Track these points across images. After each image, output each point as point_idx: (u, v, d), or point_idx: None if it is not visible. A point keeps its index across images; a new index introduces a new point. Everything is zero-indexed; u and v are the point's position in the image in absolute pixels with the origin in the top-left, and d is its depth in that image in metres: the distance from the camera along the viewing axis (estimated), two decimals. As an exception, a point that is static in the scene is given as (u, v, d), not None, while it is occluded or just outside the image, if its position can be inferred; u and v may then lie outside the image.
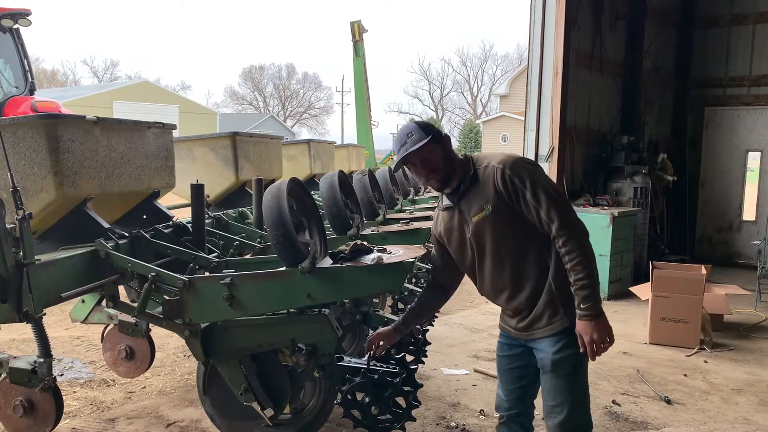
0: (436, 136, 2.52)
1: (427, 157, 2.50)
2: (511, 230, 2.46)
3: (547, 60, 7.59)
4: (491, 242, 2.50)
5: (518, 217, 2.44)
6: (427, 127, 2.55)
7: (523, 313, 2.54)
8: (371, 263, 2.68)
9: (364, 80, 22.08)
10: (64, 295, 2.87)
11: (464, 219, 2.55)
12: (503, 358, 2.72)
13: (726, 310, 6.21)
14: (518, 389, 2.69)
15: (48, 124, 3.10)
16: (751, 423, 4.16)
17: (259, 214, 4.33)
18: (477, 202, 2.49)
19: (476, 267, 2.60)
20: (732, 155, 10.03)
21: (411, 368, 3.17)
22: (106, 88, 42.43)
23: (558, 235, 2.37)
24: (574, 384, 2.51)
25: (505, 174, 2.42)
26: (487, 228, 2.48)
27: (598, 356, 2.40)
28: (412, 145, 2.48)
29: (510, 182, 2.41)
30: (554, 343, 2.48)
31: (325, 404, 3.32)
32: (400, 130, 2.60)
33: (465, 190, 2.53)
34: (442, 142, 2.54)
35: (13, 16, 7.35)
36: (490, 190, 2.45)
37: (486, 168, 2.49)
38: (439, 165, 2.52)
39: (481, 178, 2.50)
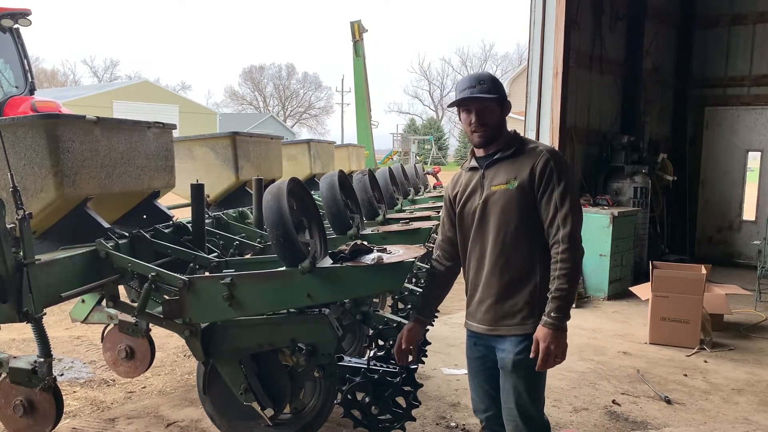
0: (502, 98, 2.53)
1: (485, 111, 2.50)
2: (522, 215, 2.45)
3: (547, 60, 7.58)
4: (498, 216, 2.48)
5: (533, 208, 2.44)
6: (499, 87, 2.53)
7: (495, 301, 2.51)
8: (371, 263, 2.68)
9: (364, 80, 22.10)
10: (64, 295, 2.87)
11: (483, 183, 2.54)
12: (474, 360, 2.70)
13: (726, 310, 6.21)
14: (492, 390, 2.66)
15: (48, 124, 3.10)
16: (751, 423, 4.16)
17: (259, 214, 4.33)
18: (506, 173, 2.49)
19: (471, 236, 2.58)
20: (732, 155, 10.03)
21: (411, 368, 3.17)
22: (106, 88, 42.46)
23: (561, 242, 2.37)
24: (532, 386, 2.51)
25: (549, 162, 2.42)
26: (502, 201, 2.47)
27: (546, 368, 2.39)
28: (479, 92, 2.47)
29: (548, 172, 2.41)
30: (518, 344, 2.47)
31: (325, 404, 3.32)
32: (474, 73, 2.59)
33: (499, 159, 2.52)
34: (504, 106, 2.55)
35: (13, 16, 7.35)
36: (525, 169, 2.45)
37: (533, 150, 2.50)
38: (491, 123, 2.51)
39: (522, 155, 2.49)
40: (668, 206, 9.89)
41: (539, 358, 2.37)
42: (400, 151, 39.66)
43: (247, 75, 70.39)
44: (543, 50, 7.60)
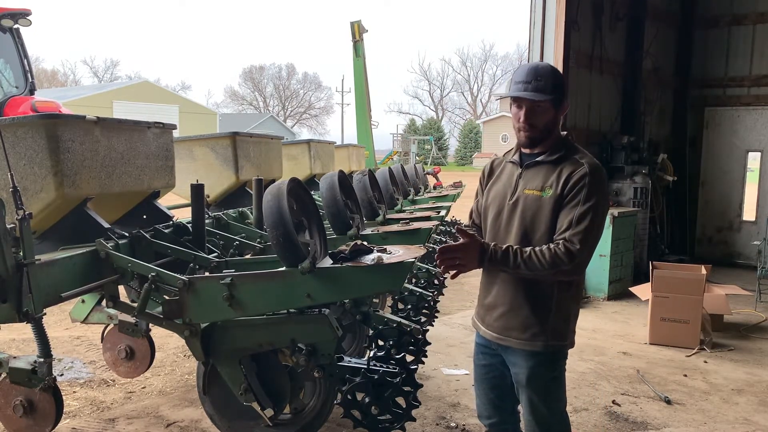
0: (558, 100, 2.34)
1: (536, 112, 2.34)
2: (550, 227, 2.33)
3: (547, 60, 7.58)
4: (525, 222, 2.37)
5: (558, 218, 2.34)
6: (558, 85, 2.33)
7: (508, 309, 2.42)
8: (371, 263, 2.68)
9: (364, 80, 22.10)
10: (64, 295, 2.87)
11: (518, 183, 2.41)
12: (480, 367, 2.63)
13: (726, 310, 6.21)
14: (496, 398, 2.61)
15: (48, 124, 3.10)
16: (751, 423, 4.16)
17: (259, 214, 4.33)
18: (542, 179, 2.36)
19: (494, 231, 2.47)
20: (732, 155, 10.03)
21: (411, 368, 3.17)
22: (106, 88, 42.47)
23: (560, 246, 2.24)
24: (551, 397, 2.46)
25: (584, 178, 2.29)
26: (531, 208, 2.35)
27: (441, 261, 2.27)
28: (534, 90, 2.30)
29: (579, 187, 2.28)
30: (529, 359, 2.40)
31: (325, 404, 3.32)
32: (533, 65, 2.38)
33: (541, 162, 2.39)
34: (560, 107, 2.37)
35: (13, 16, 7.35)
36: (561, 178, 2.32)
37: (577, 160, 2.35)
38: (540, 125, 2.35)
39: (563, 164, 2.35)
40: (668, 206, 9.89)
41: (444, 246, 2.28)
42: (400, 152, 39.69)
43: (247, 75, 70.45)
44: (543, 50, 7.60)
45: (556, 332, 2.39)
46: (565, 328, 2.42)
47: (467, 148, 54.16)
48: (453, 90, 70.48)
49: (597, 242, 2.34)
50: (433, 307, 4.67)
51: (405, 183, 6.29)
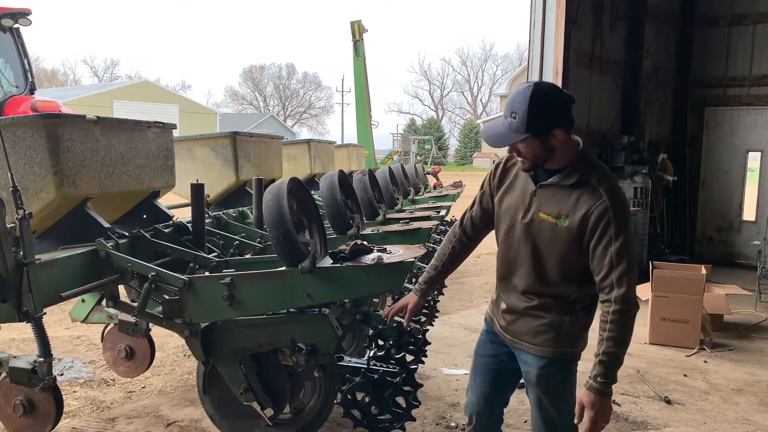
0: (539, 131, 2.16)
1: (519, 149, 2.24)
2: (566, 255, 2.27)
3: (547, 60, 7.58)
4: (540, 246, 2.30)
5: (579, 251, 2.24)
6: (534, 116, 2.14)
7: (521, 316, 2.40)
8: (371, 263, 2.68)
9: (364, 80, 22.11)
10: (64, 294, 2.87)
11: (531, 202, 2.31)
12: (482, 357, 2.59)
13: (726, 310, 6.21)
14: (492, 392, 2.59)
15: (48, 124, 3.10)
16: (751, 423, 4.16)
17: (259, 213, 4.33)
18: (557, 205, 2.24)
19: (509, 245, 2.41)
20: (732, 155, 10.03)
21: (411, 368, 3.17)
22: (106, 87, 42.48)
23: (614, 302, 2.19)
24: (560, 400, 2.44)
25: (607, 213, 2.16)
26: (545, 234, 2.28)
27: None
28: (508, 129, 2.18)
29: (605, 224, 2.16)
30: (541, 359, 2.38)
31: (325, 404, 3.32)
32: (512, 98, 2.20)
33: (555, 184, 2.25)
34: (545, 138, 2.18)
35: (13, 15, 7.35)
36: (579, 211, 2.20)
37: (595, 188, 2.20)
38: (530, 156, 2.24)
39: (578, 190, 2.22)
40: (668, 206, 9.89)
41: (588, 427, 2.25)
42: (400, 151, 39.70)
43: (247, 75, 70.46)
44: (543, 50, 7.60)
45: (568, 340, 2.38)
46: (578, 336, 2.41)
47: (467, 148, 54.17)
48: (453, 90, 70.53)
49: (637, 269, 2.29)
50: (433, 307, 4.67)
51: (405, 183, 6.29)
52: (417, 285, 2.72)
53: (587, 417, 2.24)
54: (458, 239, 2.64)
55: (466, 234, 2.64)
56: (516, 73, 52.14)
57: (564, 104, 2.22)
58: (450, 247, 2.66)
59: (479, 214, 2.59)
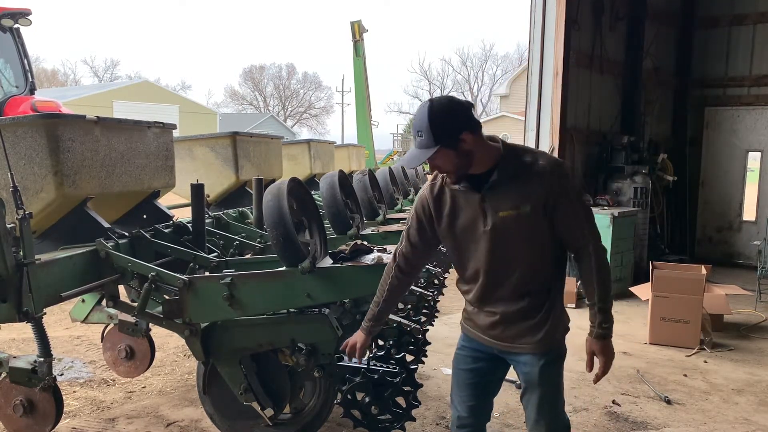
0: (447, 140, 2.19)
1: (437, 162, 2.26)
2: (537, 237, 2.31)
3: (548, 60, 7.59)
4: (511, 243, 2.32)
5: (548, 226, 2.31)
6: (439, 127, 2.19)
7: (513, 322, 2.41)
8: (371, 263, 2.68)
9: (364, 80, 22.11)
10: (64, 294, 2.87)
11: (485, 211, 2.30)
12: (465, 372, 2.58)
13: (726, 310, 6.21)
14: (479, 403, 2.58)
15: (48, 124, 3.10)
16: (751, 423, 4.16)
17: (259, 214, 4.33)
18: (512, 198, 2.27)
19: (477, 262, 2.39)
20: (732, 155, 10.03)
21: (411, 368, 3.17)
22: (106, 87, 42.44)
23: (594, 254, 2.33)
24: (555, 394, 2.50)
25: (562, 181, 2.26)
26: (514, 228, 2.29)
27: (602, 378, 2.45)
28: (419, 147, 2.23)
29: (563, 191, 2.26)
30: (541, 357, 2.40)
31: (325, 404, 3.32)
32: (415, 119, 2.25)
33: (498, 181, 2.28)
34: (455, 145, 2.20)
35: (13, 15, 7.35)
36: (535, 191, 2.25)
37: (533, 164, 2.27)
38: (450, 168, 2.27)
39: (524, 173, 2.27)
40: (668, 206, 9.89)
41: (600, 372, 2.42)
42: (401, 151, 39.63)
43: (247, 75, 70.41)
44: (543, 50, 7.61)
45: (560, 326, 2.45)
46: (565, 320, 2.49)
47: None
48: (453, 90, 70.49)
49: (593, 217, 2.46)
50: (433, 307, 4.66)
51: (405, 183, 6.29)
52: (363, 323, 2.66)
53: (600, 362, 2.41)
54: (394, 276, 2.58)
55: (401, 270, 2.57)
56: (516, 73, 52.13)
57: (463, 110, 2.25)
58: (388, 284, 2.59)
59: (410, 250, 2.53)
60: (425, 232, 2.48)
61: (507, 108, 48.25)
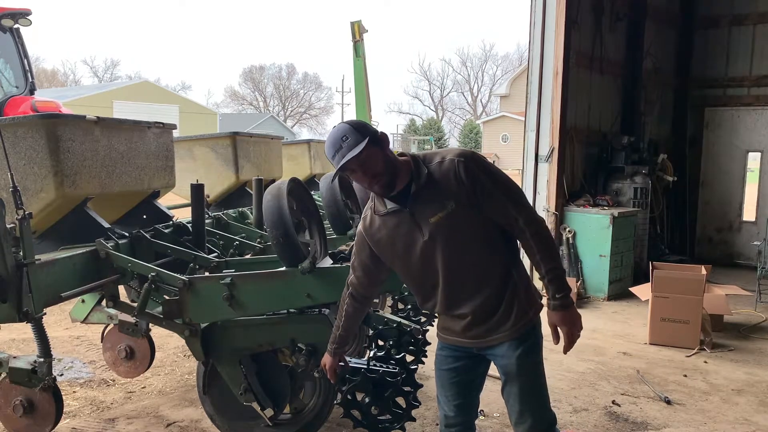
0: (373, 137, 2.26)
1: (367, 162, 2.25)
2: (474, 228, 2.32)
3: (548, 60, 7.59)
4: (453, 244, 2.32)
5: (480, 214, 2.31)
6: (362, 128, 2.28)
7: (483, 318, 2.39)
8: (371, 263, 2.67)
9: (364, 80, 22.11)
10: (64, 294, 2.87)
11: (418, 222, 2.32)
12: (447, 372, 2.56)
13: (726, 310, 6.21)
14: (466, 401, 2.57)
15: (48, 124, 3.10)
16: (751, 423, 4.16)
17: (259, 214, 4.33)
18: (435, 201, 2.29)
19: (430, 275, 2.40)
20: (732, 156, 10.03)
21: (411, 368, 3.17)
22: (106, 88, 42.46)
23: (527, 227, 2.30)
24: (537, 384, 2.46)
25: (469, 167, 2.27)
26: (449, 228, 2.30)
27: (572, 347, 2.36)
28: (348, 150, 2.22)
29: (474, 176, 2.26)
30: (517, 346, 2.38)
31: (324, 404, 3.32)
32: (331, 134, 2.31)
33: (418, 191, 2.30)
34: (380, 143, 2.29)
35: (13, 15, 7.35)
36: (451, 186, 2.27)
37: (442, 163, 2.30)
38: (381, 169, 2.28)
39: (437, 175, 2.30)
40: (668, 207, 9.88)
41: (566, 342, 2.34)
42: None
43: (247, 75, 70.43)
44: (543, 50, 7.60)
45: (530, 301, 2.44)
46: (531, 292, 2.47)
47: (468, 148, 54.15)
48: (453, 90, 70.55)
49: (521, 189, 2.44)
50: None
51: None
52: (329, 346, 2.69)
53: (563, 333, 2.33)
54: (349, 303, 2.62)
55: (355, 299, 2.61)
56: (516, 73, 52.14)
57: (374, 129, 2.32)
58: (344, 311, 2.63)
59: (362, 280, 2.56)
60: (369, 266, 2.51)
61: (507, 108, 48.26)
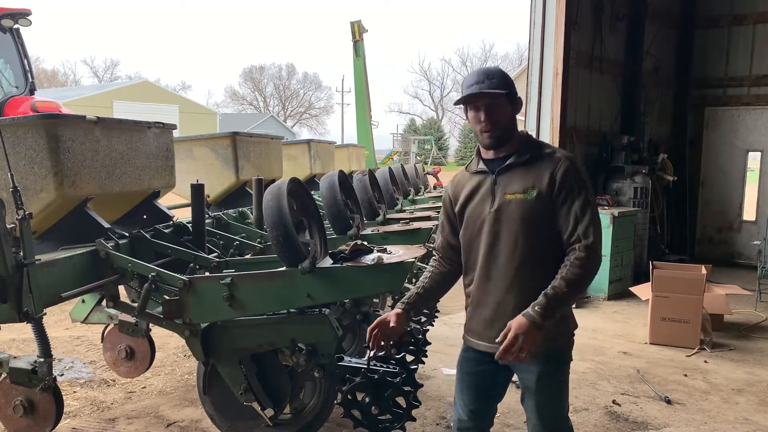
0: (514, 95, 2.34)
1: (495, 108, 2.30)
2: (542, 227, 2.29)
3: (547, 60, 7.58)
4: (515, 229, 2.29)
5: (552, 218, 2.28)
6: (510, 82, 2.34)
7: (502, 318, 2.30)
8: (371, 263, 2.68)
9: (364, 80, 22.14)
10: (64, 295, 2.87)
11: (495, 191, 2.34)
12: (468, 375, 2.53)
13: (726, 310, 6.21)
14: (482, 407, 2.53)
15: (48, 124, 3.10)
16: (751, 423, 4.16)
17: (259, 214, 4.33)
18: (522, 181, 2.30)
19: (476, 246, 2.39)
20: (732, 155, 10.03)
21: (411, 368, 3.17)
22: (106, 88, 42.45)
23: (579, 250, 2.22)
24: (556, 402, 2.43)
25: (568, 170, 2.27)
26: (516, 212, 2.29)
27: (503, 360, 2.17)
28: (489, 87, 2.28)
29: (569, 181, 2.26)
30: (540, 364, 2.34)
31: (325, 404, 3.32)
32: (483, 68, 2.39)
33: (513, 164, 2.33)
34: (515, 104, 2.35)
35: (13, 16, 7.35)
36: (543, 178, 2.28)
37: (548, 155, 2.33)
38: (503, 122, 2.32)
39: (539, 161, 2.32)
40: (668, 206, 9.88)
41: (502, 347, 2.14)
42: (401, 151, 39.65)
43: (247, 75, 70.43)
44: (543, 50, 7.60)
45: (562, 330, 2.37)
46: (566, 322, 2.41)
47: (467, 148, 54.07)
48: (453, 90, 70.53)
49: (601, 224, 2.35)
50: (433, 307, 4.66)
51: (405, 183, 6.30)
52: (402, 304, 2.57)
53: (508, 337, 2.14)
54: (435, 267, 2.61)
55: (440, 262, 2.59)
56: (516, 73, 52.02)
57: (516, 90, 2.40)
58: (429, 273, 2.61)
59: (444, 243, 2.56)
60: (447, 228, 2.54)
61: (507, 108, 48.03)
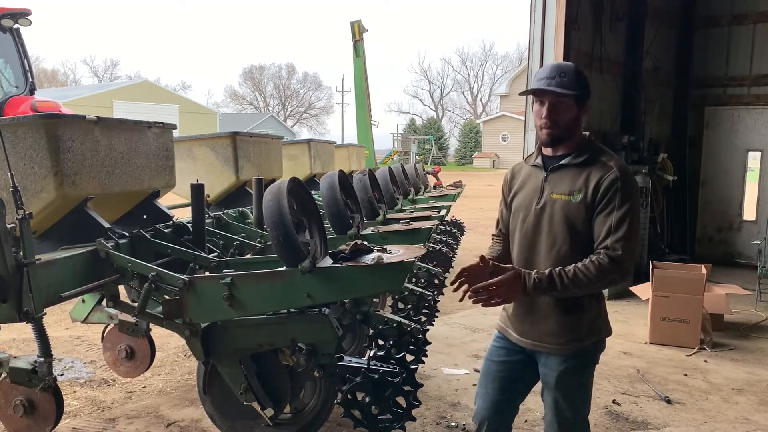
0: (584, 97, 2.32)
1: (561, 107, 2.29)
2: (581, 232, 2.29)
3: (547, 60, 7.57)
4: (555, 228, 2.31)
5: (591, 224, 2.27)
6: (584, 83, 2.32)
7: (543, 317, 2.36)
8: (371, 263, 2.68)
9: (364, 80, 22.15)
10: (65, 294, 2.87)
11: (544, 187, 2.36)
12: (498, 364, 2.53)
13: (726, 309, 6.21)
14: (504, 399, 2.52)
15: (48, 124, 3.10)
16: (751, 423, 4.16)
17: (259, 213, 4.33)
18: (570, 183, 2.30)
19: (521, 238, 2.42)
20: (732, 155, 10.02)
21: (411, 368, 3.17)
22: (106, 87, 42.47)
23: (603, 256, 2.20)
24: (575, 402, 2.42)
25: (616, 182, 2.23)
26: (559, 212, 2.30)
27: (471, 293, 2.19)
28: (559, 86, 2.26)
29: (613, 191, 2.23)
30: (563, 362, 2.35)
31: (325, 404, 3.32)
32: (557, 63, 2.41)
33: (567, 165, 2.33)
34: (582, 106, 2.34)
35: (13, 15, 7.36)
36: (591, 183, 2.26)
37: (605, 162, 2.30)
38: (563, 123, 2.30)
39: (592, 166, 2.30)
40: (668, 206, 9.88)
41: (483, 283, 2.18)
42: (401, 151, 39.66)
43: (247, 75, 70.48)
44: (543, 50, 7.60)
45: (591, 332, 2.38)
46: (597, 325, 2.40)
47: (467, 148, 54.15)
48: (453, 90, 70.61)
49: (638, 246, 2.32)
50: (434, 307, 4.67)
51: (405, 183, 6.30)
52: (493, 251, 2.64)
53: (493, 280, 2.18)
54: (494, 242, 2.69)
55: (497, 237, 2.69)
56: (516, 73, 52.12)
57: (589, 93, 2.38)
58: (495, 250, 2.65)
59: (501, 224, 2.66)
60: (504, 211, 2.61)
61: (507, 108, 48.26)
